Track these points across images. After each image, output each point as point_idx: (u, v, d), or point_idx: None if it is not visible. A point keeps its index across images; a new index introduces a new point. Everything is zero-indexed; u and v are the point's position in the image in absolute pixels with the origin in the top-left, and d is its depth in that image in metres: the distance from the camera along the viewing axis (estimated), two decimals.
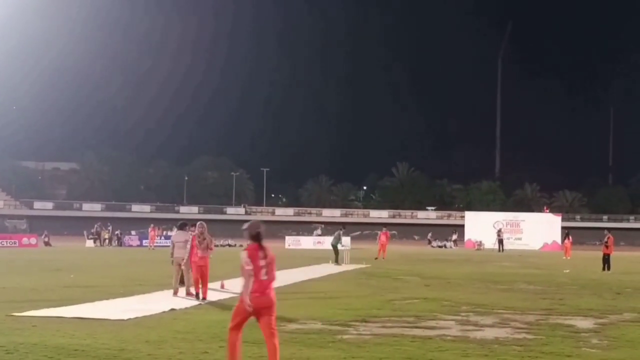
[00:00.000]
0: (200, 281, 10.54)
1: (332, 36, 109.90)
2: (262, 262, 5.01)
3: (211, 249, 10.83)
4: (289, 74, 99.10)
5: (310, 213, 69.98)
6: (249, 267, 4.94)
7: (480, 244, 44.96)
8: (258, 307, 4.92)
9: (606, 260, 21.77)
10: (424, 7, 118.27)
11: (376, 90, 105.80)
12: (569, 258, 31.30)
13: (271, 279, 5.07)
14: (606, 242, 22.37)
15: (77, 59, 78.20)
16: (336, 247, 22.75)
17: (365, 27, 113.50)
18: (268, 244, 5.18)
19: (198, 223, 11.13)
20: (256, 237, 5.13)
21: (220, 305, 10.37)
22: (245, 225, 5.21)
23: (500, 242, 40.51)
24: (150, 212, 62.38)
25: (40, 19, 67.75)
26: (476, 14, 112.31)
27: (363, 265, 21.68)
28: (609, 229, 26.26)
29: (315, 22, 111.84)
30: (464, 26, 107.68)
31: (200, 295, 10.45)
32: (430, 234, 53.15)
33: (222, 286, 12.36)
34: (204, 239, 10.64)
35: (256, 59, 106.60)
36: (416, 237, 59.83)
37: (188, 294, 10.86)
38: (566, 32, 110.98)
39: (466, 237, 47.92)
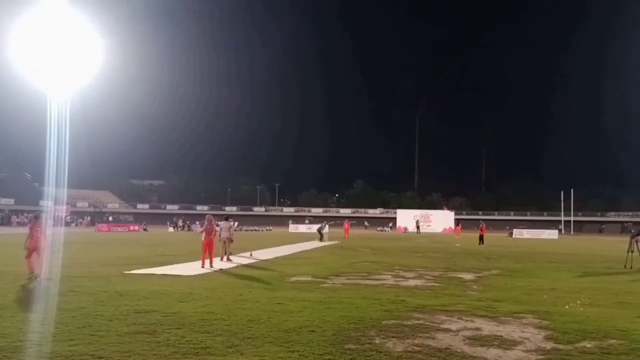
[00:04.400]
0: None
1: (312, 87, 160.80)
2: (37, 230, 11.49)
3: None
4: (287, 123, 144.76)
5: (304, 210, 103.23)
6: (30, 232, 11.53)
7: (406, 229, 67.01)
8: (34, 247, 11.31)
9: (481, 238, 33.87)
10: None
11: (347, 129, 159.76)
12: (459, 237, 46.61)
13: (42, 236, 11.57)
14: (481, 227, 35.30)
15: (159, 111, 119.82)
16: (320, 231, 34.64)
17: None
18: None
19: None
20: (36, 218, 11.88)
21: (250, 266, 15.17)
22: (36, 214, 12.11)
23: (418, 227, 61.99)
24: (207, 210, 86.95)
25: (128, 75, 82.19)
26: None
27: (336, 242, 31.70)
28: (482, 220, 42.88)
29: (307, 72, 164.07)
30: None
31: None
32: (366, 222, 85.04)
33: (251, 255, 18.21)
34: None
35: (266, 113, 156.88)
36: (367, 225, 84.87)
37: (228, 259, 16.03)
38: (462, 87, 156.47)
39: (397, 225, 71.90)
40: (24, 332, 6.47)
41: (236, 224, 20.47)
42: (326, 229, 35.52)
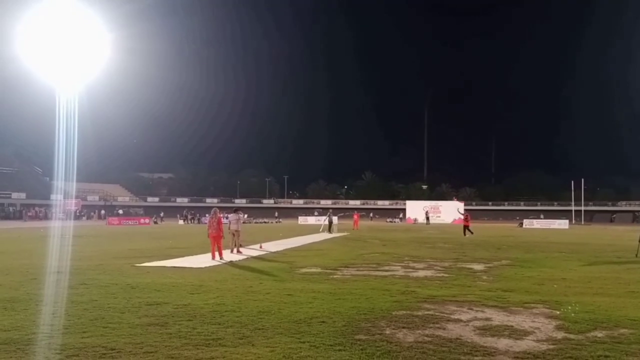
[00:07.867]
0: None
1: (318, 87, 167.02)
2: None
3: None
4: (294, 115, 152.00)
5: (313, 202, 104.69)
6: None
7: (415, 220, 68.25)
8: None
9: (466, 228, 29.71)
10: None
11: (355, 121, 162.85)
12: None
13: None
14: (465, 217, 31.43)
15: (167, 104, 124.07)
16: (330, 221, 34.08)
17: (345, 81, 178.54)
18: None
19: None
20: None
21: (260, 258, 15.16)
22: None
23: (428, 218, 62.47)
24: (217, 203, 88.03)
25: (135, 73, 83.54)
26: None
27: (345, 234, 31.81)
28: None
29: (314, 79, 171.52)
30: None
31: None
32: (371, 214, 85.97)
33: (261, 247, 18.12)
34: None
35: (273, 105, 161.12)
36: (377, 216, 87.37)
37: (238, 251, 16.10)
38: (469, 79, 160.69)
39: (407, 216, 72.92)
40: (37, 324, 6.54)
41: (245, 216, 20.57)
42: (335, 220, 35.32)
